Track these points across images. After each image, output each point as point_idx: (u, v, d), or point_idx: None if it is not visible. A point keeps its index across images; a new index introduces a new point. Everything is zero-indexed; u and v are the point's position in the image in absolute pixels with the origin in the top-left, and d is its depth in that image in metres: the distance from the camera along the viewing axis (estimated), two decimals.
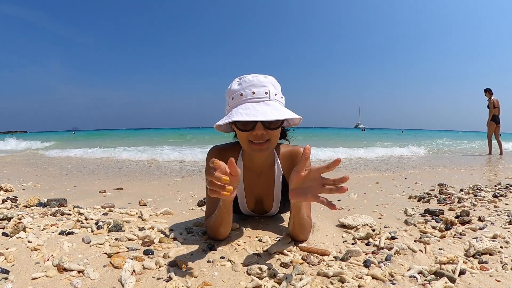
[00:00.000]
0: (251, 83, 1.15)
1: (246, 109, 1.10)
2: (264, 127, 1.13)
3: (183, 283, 0.90)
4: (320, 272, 0.95)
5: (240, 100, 1.14)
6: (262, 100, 1.13)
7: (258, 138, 1.15)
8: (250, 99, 1.13)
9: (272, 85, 1.17)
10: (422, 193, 2.24)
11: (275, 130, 1.16)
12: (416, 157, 6.37)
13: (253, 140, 1.16)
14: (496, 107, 6.95)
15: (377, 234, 1.29)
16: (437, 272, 0.94)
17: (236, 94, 1.16)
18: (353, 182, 3.02)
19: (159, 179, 3.38)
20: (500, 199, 1.99)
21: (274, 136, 1.18)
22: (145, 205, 1.99)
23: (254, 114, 1.07)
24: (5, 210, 1.68)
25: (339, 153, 6.52)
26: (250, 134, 1.15)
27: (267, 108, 1.10)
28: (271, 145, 1.20)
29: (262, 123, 1.12)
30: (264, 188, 1.40)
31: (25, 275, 0.93)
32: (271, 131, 1.15)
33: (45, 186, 2.82)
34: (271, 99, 1.14)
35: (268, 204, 1.45)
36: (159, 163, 5.27)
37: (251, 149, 1.19)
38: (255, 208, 1.49)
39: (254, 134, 1.14)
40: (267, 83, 1.16)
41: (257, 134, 1.13)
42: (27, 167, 4.74)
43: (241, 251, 1.15)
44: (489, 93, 6.98)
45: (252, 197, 1.44)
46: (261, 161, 1.33)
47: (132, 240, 1.25)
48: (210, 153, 1.34)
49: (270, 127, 1.14)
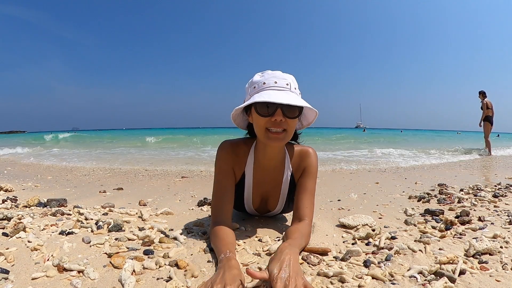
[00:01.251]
0: (273, 75, 1.20)
1: (268, 94, 1.14)
2: (283, 115, 1.16)
3: (183, 283, 0.90)
4: (320, 272, 0.95)
5: (262, 87, 1.19)
6: (284, 89, 1.18)
7: (276, 125, 1.17)
8: (272, 87, 1.18)
9: (292, 80, 1.23)
10: (422, 193, 2.24)
11: (293, 119, 1.19)
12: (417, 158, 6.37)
13: (270, 128, 1.18)
14: (489, 108, 7.18)
15: (377, 234, 1.29)
16: (437, 272, 0.93)
17: (259, 83, 1.20)
18: (353, 182, 3.02)
19: (159, 179, 3.38)
20: (500, 199, 1.99)
21: (291, 127, 1.20)
22: (145, 205, 1.99)
23: (275, 98, 1.12)
24: (5, 210, 1.68)
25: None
26: (269, 121, 1.17)
27: (288, 96, 1.15)
28: (287, 136, 1.22)
29: (282, 110, 1.15)
30: (272, 186, 1.41)
31: (25, 275, 0.93)
32: (289, 120, 1.18)
33: (45, 186, 2.82)
34: (291, 90, 1.19)
35: (273, 203, 1.46)
36: (159, 163, 5.28)
37: (267, 137, 1.20)
38: (259, 207, 1.49)
39: (273, 120, 1.16)
40: (287, 77, 1.22)
41: (276, 120, 1.16)
42: (27, 167, 4.74)
43: (241, 251, 1.15)
44: (483, 95, 7.26)
45: (259, 195, 1.43)
46: (273, 156, 1.32)
47: (132, 240, 1.25)
48: (222, 147, 1.33)
49: (288, 115, 1.17)
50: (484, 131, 7.26)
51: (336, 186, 2.74)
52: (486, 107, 7.17)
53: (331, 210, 1.82)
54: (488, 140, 7.25)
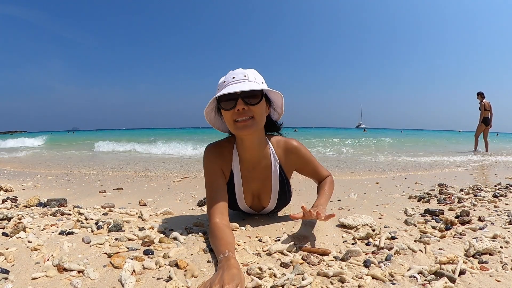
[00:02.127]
0: (232, 73, 1.28)
1: (226, 89, 1.21)
2: (245, 103, 1.21)
3: (183, 283, 0.90)
4: (320, 272, 0.95)
5: (223, 85, 1.26)
6: (241, 81, 1.24)
7: (240, 114, 1.22)
8: (231, 82, 1.24)
9: (252, 73, 1.28)
10: (422, 193, 2.24)
11: (256, 105, 1.23)
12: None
13: (237, 118, 1.23)
14: (487, 109, 7.37)
15: (377, 234, 1.29)
16: (437, 272, 0.93)
17: (221, 84, 1.28)
18: (353, 182, 3.02)
19: (159, 179, 3.38)
20: (500, 199, 1.99)
21: (257, 113, 1.25)
22: (145, 205, 1.99)
23: (232, 89, 1.19)
24: (5, 210, 1.68)
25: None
26: (234, 113, 1.23)
27: (245, 85, 1.21)
28: (256, 122, 1.25)
29: (242, 98, 1.20)
30: (261, 180, 1.42)
31: (25, 275, 0.93)
32: (253, 107, 1.22)
33: (45, 186, 2.82)
34: (250, 80, 1.25)
35: (266, 198, 1.46)
36: (160, 163, 5.27)
37: (236, 128, 1.25)
38: (252, 204, 1.50)
39: (237, 111, 1.22)
40: (246, 71, 1.28)
41: (239, 110, 1.21)
42: (27, 167, 4.74)
43: (241, 251, 1.15)
44: (481, 96, 7.43)
45: (249, 192, 1.45)
46: (254, 148, 1.36)
47: (132, 240, 1.25)
48: (207, 150, 1.40)
49: (250, 102, 1.22)
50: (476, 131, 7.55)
51: (336, 186, 2.74)
52: (484, 108, 7.35)
53: (331, 210, 1.82)
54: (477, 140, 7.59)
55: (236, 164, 1.39)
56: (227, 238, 1.11)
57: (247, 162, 1.39)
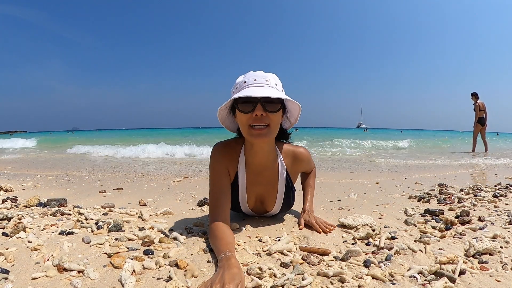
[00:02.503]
0: (253, 75, 1.24)
1: (247, 91, 1.18)
2: (264, 109, 1.19)
3: (183, 283, 0.90)
4: (320, 272, 0.95)
5: (243, 86, 1.23)
6: (263, 85, 1.21)
7: (258, 120, 1.20)
8: (252, 84, 1.21)
9: (273, 78, 1.26)
10: (422, 193, 2.24)
11: (274, 113, 1.22)
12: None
13: (253, 124, 1.21)
14: (482, 110, 7.48)
15: (377, 234, 1.29)
16: (437, 272, 0.93)
17: (240, 83, 1.25)
18: (353, 182, 3.02)
19: (159, 179, 3.38)
20: (500, 199, 1.99)
21: (274, 121, 1.23)
22: (145, 205, 1.99)
23: (254, 93, 1.16)
24: (5, 210, 1.68)
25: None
26: (250, 117, 1.20)
27: (266, 90, 1.19)
28: (271, 131, 1.23)
29: (262, 105, 1.18)
30: (267, 185, 1.41)
31: (25, 275, 0.93)
32: (271, 114, 1.20)
33: (45, 186, 2.82)
34: (271, 86, 1.22)
35: (270, 203, 1.46)
36: (160, 163, 5.27)
37: (251, 134, 1.23)
38: (254, 207, 1.49)
39: (254, 116, 1.19)
40: (268, 75, 1.25)
41: (257, 116, 1.19)
42: (27, 167, 4.74)
43: (241, 251, 1.15)
44: (475, 97, 7.54)
45: (253, 196, 1.44)
46: (264, 155, 1.34)
47: (132, 240, 1.25)
48: (215, 149, 1.37)
49: (269, 110, 1.20)
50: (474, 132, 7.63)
51: (336, 186, 2.74)
52: (479, 108, 7.47)
53: (331, 210, 1.82)
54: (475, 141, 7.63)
55: (242, 167, 1.36)
56: (227, 238, 1.11)
57: (254, 166, 1.37)
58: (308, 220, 1.43)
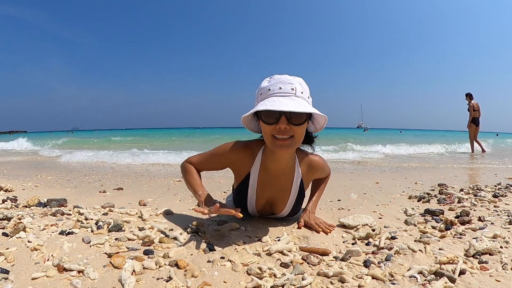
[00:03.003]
0: (279, 80, 1.20)
1: (271, 101, 1.14)
2: (288, 122, 1.15)
3: (183, 283, 0.90)
4: (320, 272, 0.95)
5: (267, 94, 1.19)
6: (288, 95, 1.16)
7: (281, 132, 1.16)
8: (277, 93, 1.17)
9: (299, 84, 1.21)
10: (422, 193, 2.24)
11: (299, 126, 1.17)
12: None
13: (276, 135, 1.18)
14: (476, 110, 7.57)
15: (377, 234, 1.29)
16: (437, 272, 0.94)
17: (264, 89, 1.21)
18: (353, 182, 3.02)
19: (159, 179, 3.38)
20: (500, 199, 1.99)
21: (298, 133, 1.19)
22: (145, 205, 1.99)
23: (278, 105, 1.11)
24: (5, 210, 1.68)
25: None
26: (274, 128, 1.17)
27: (292, 102, 1.14)
28: (294, 142, 1.20)
29: (286, 117, 1.14)
30: (279, 191, 1.40)
31: (25, 275, 0.93)
32: (295, 127, 1.17)
33: (45, 186, 2.82)
34: (297, 95, 1.17)
35: (279, 207, 1.45)
36: (160, 164, 5.27)
37: (274, 145, 1.20)
38: (263, 209, 1.49)
39: (277, 128, 1.16)
40: (294, 81, 1.20)
41: (281, 128, 1.15)
42: (28, 167, 4.74)
43: (241, 251, 1.15)
44: (469, 97, 7.64)
45: (263, 199, 1.43)
46: (283, 162, 1.33)
47: (132, 240, 1.25)
48: (232, 145, 1.37)
49: (294, 122, 1.16)
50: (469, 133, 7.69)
51: (336, 186, 2.74)
52: (473, 109, 7.55)
53: (331, 210, 1.82)
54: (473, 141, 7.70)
55: (255, 168, 1.35)
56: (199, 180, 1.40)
57: (269, 170, 1.35)
58: (307, 220, 1.43)
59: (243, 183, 1.39)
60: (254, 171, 1.36)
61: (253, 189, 1.39)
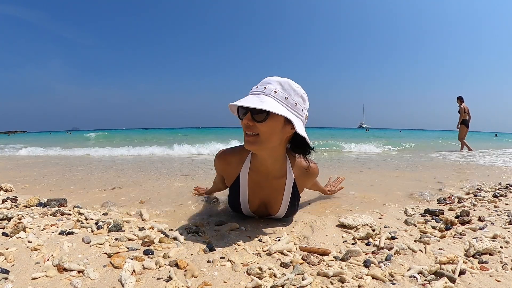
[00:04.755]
0: (261, 81, 1.23)
1: (241, 100, 1.17)
2: (252, 119, 1.17)
3: (183, 283, 0.90)
4: (320, 272, 0.95)
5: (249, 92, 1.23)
6: (257, 93, 1.18)
7: (248, 128, 1.20)
8: (251, 92, 1.20)
9: (278, 84, 1.19)
10: (422, 192, 2.24)
11: (261, 123, 1.17)
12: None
13: (245, 131, 1.22)
14: (466, 112, 8.01)
15: (377, 234, 1.29)
16: (437, 272, 0.94)
17: None
18: (353, 182, 3.02)
19: (159, 179, 3.38)
20: (500, 199, 1.99)
21: (263, 132, 1.18)
22: (145, 205, 1.99)
23: (238, 101, 1.15)
24: (5, 210, 1.68)
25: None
26: (243, 124, 1.21)
27: (254, 99, 1.15)
28: (259, 141, 1.19)
29: (251, 113, 1.17)
30: (271, 192, 1.41)
31: (25, 275, 0.93)
32: (258, 124, 1.17)
33: (45, 186, 2.82)
34: (266, 93, 1.17)
35: (274, 208, 1.46)
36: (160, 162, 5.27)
37: (244, 141, 1.24)
38: (257, 210, 1.50)
39: (243, 124, 1.20)
40: (272, 81, 1.20)
41: (244, 124, 1.19)
42: (28, 167, 4.74)
43: (241, 251, 1.15)
44: (460, 100, 8.09)
45: (257, 199, 1.45)
46: (268, 162, 1.34)
47: (132, 240, 1.25)
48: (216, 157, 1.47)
49: (256, 119, 1.17)
50: (459, 133, 8.12)
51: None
52: (464, 111, 7.98)
53: (331, 210, 1.82)
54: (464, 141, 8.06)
55: (245, 170, 1.38)
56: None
57: (258, 172, 1.37)
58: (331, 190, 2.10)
59: (234, 184, 1.43)
60: (244, 173, 1.39)
61: (244, 190, 1.41)
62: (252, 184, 1.39)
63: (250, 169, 1.38)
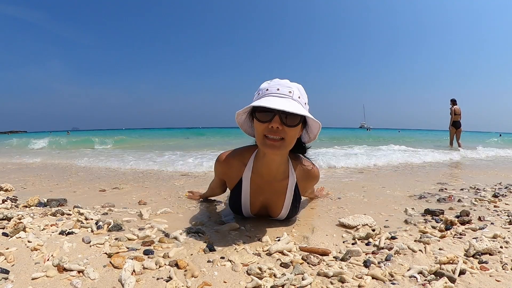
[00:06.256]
0: (278, 83, 1.20)
1: (267, 100, 1.14)
2: (281, 122, 1.14)
3: (183, 283, 0.90)
4: (320, 272, 0.95)
5: (265, 93, 1.19)
6: (285, 96, 1.16)
7: (273, 132, 1.16)
8: (274, 94, 1.17)
9: (297, 89, 1.21)
10: (422, 192, 2.24)
11: (292, 128, 1.17)
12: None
13: (268, 135, 1.17)
14: (457, 114, 8.43)
15: (377, 234, 1.29)
16: (437, 272, 0.94)
17: (263, 90, 1.21)
18: (353, 182, 3.02)
19: (159, 179, 3.38)
20: (500, 199, 1.99)
21: (290, 135, 1.18)
22: (145, 205, 1.99)
23: (273, 104, 1.10)
24: (5, 210, 1.68)
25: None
26: (267, 127, 1.17)
27: (287, 103, 1.14)
28: (285, 145, 1.19)
29: (280, 116, 1.14)
30: (273, 195, 1.40)
31: (25, 275, 0.93)
32: (288, 128, 1.16)
33: (45, 186, 2.82)
34: (294, 98, 1.17)
35: (275, 210, 1.45)
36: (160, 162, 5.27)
37: (264, 144, 1.19)
38: (259, 212, 1.49)
39: (270, 127, 1.16)
40: (292, 86, 1.20)
41: (273, 127, 1.15)
42: (28, 167, 4.74)
43: (241, 251, 1.15)
44: (453, 103, 8.49)
45: (258, 201, 1.44)
46: (274, 165, 1.32)
47: (132, 240, 1.25)
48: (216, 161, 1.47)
49: (287, 123, 1.15)
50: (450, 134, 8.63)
51: (336, 185, 2.74)
52: (454, 113, 8.39)
53: (331, 210, 1.82)
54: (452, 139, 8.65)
55: (247, 173, 1.36)
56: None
57: (261, 175, 1.36)
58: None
59: (236, 188, 1.41)
60: (246, 176, 1.37)
61: (246, 193, 1.40)
62: (255, 187, 1.38)
63: (252, 172, 1.36)
